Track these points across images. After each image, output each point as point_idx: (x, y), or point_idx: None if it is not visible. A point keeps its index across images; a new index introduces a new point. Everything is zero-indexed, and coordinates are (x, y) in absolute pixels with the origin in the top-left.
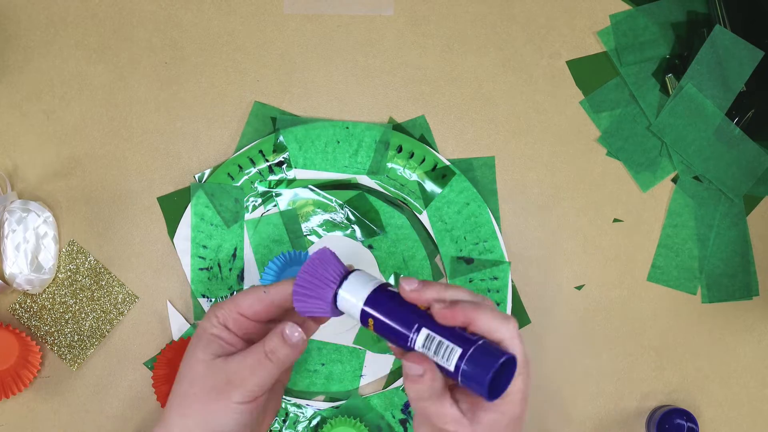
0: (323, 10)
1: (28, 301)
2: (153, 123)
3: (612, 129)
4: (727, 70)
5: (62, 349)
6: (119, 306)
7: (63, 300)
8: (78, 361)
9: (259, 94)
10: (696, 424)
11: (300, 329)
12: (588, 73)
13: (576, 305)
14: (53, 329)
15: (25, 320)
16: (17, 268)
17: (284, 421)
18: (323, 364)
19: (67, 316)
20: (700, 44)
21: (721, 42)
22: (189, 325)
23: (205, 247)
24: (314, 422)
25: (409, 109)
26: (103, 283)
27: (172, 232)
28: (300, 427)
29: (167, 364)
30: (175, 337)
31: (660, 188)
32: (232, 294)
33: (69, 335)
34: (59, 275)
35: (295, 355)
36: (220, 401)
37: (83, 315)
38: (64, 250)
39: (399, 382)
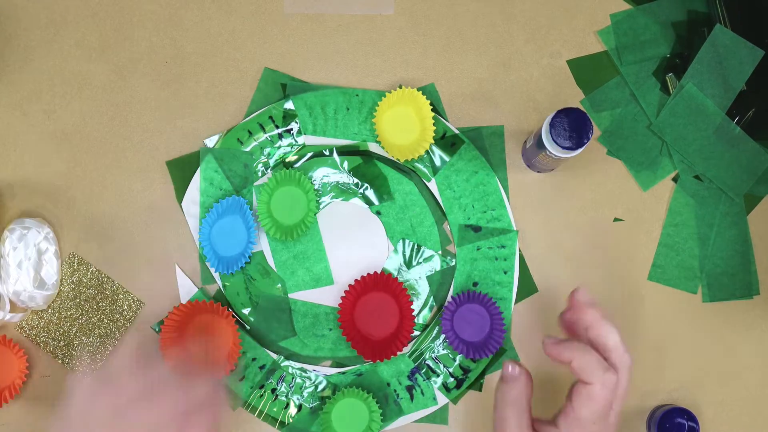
0: (323, 10)
1: (35, 317)
2: (153, 122)
3: (612, 128)
4: (728, 69)
5: (74, 362)
6: (125, 312)
7: (69, 313)
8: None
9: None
10: (697, 423)
11: None
12: (588, 72)
13: None
14: (62, 343)
15: (33, 336)
16: (21, 286)
17: (290, 386)
18: (330, 329)
19: (74, 329)
20: (700, 43)
21: (721, 41)
22: (197, 289)
23: None
24: (320, 387)
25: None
26: (108, 291)
27: (180, 195)
28: (306, 392)
29: (175, 327)
30: (183, 300)
31: (660, 187)
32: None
33: (78, 347)
34: (63, 288)
35: None
36: None
37: (90, 326)
38: (65, 261)
39: (406, 349)
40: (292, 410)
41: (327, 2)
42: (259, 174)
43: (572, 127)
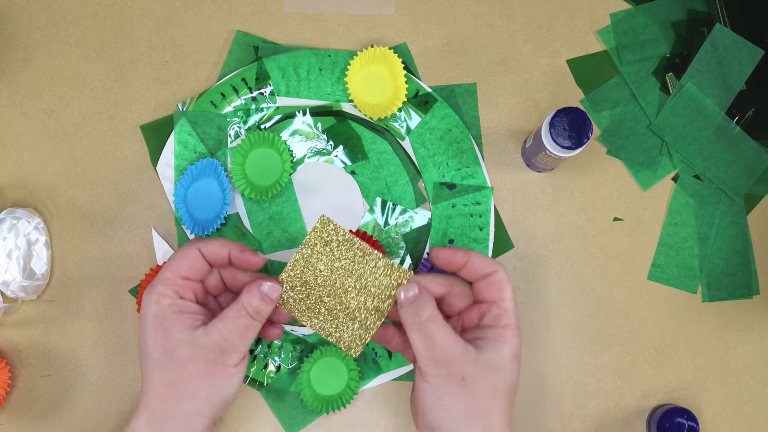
0: (323, 10)
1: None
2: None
3: (612, 128)
4: (727, 68)
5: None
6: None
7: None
8: None
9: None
10: (696, 423)
11: (272, 283)
12: (588, 71)
13: (576, 304)
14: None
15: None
16: (10, 276)
17: (268, 347)
18: None
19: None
20: (700, 43)
21: (721, 41)
22: (173, 251)
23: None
24: (299, 348)
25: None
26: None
27: (154, 159)
28: (284, 352)
29: None
30: (159, 262)
31: (660, 187)
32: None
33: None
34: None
35: (272, 308)
36: (218, 371)
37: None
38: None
39: None
40: (271, 369)
41: (327, 2)
42: (232, 137)
43: (572, 126)
